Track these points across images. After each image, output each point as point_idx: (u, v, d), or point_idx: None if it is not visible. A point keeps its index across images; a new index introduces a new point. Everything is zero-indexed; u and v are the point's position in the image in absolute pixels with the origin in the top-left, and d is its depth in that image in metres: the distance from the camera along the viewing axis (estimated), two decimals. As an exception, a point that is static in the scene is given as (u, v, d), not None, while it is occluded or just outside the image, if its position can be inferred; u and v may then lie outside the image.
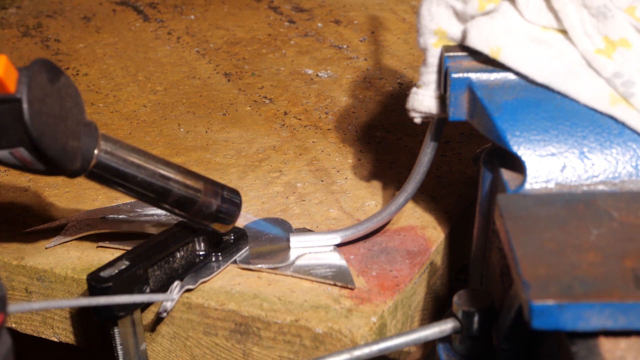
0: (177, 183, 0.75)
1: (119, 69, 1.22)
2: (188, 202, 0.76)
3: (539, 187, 0.69)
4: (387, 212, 0.82)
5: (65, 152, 0.69)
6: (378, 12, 1.35)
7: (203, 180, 0.77)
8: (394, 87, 1.13)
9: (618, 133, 0.70)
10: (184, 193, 0.75)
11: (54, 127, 0.68)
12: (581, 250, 0.61)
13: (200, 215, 0.76)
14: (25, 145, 0.67)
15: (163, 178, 0.75)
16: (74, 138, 0.70)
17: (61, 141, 0.68)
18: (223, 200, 0.77)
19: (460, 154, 0.98)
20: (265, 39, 1.29)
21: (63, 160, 0.69)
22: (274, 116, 1.08)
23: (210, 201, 0.76)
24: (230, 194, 0.79)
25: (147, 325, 0.80)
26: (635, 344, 0.57)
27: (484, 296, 0.69)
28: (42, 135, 0.67)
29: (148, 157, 0.75)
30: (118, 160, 0.73)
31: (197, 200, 0.76)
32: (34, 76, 0.67)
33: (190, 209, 0.76)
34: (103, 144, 0.72)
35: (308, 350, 0.75)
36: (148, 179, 0.74)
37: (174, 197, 0.75)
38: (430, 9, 0.76)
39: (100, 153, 0.72)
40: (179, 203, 0.75)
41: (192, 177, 0.77)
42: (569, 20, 0.72)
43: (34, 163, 0.68)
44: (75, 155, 0.70)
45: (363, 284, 0.78)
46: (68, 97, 0.70)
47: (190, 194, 0.76)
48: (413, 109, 0.78)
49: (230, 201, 0.78)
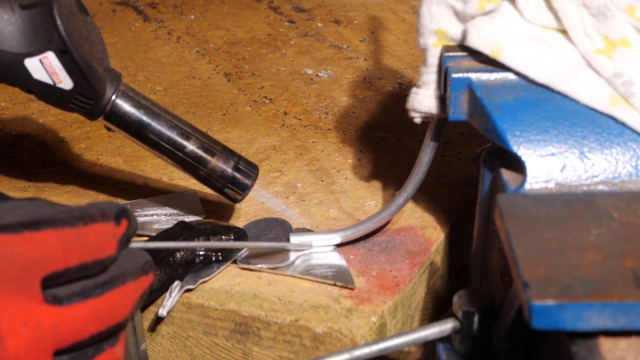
0: (194, 137, 0.79)
1: (118, 69, 1.21)
2: (202, 158, 0.78)
3: (539, 187, 0.69)
4: (387, 212, 0.83)
5: (91, 66, 0.71)
6: (378, 12, 1.35)
7: (219, 144, 0.80)
8: (394, 87, 1.13)
9: (618, 133, 0.70)
10: (200, 146, 0.79)
11: (80, 40, 0.71)
12: (581, 250, 0.61)
13: (214, 177, 0.79)
14: (54, 47, 0.70)
15: (181, 130, 0.78)
16: (99, 64, 0.73)
17: (87, 56, 0.71)
18: (238, 164, 0.80)
19: (460, 154, 0.98)
20: (265, 39, 1.29)
21: (89, 71, 0.71)
22: (274, 116, 1.08)
23: (224, 163, 0.79)
24: (247, 165, 0.81)
25: (147, 325, 0.80)
26: (635, 344, 0.57)
27: (484, 296, 0.69)
28: (70, 34, 0.69)
29: (167, 112, 0.79)
30: (137, 105, 0.76)
31: (213, 157, 0.79)
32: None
33: (206, 166, 0.79)
34: (124, 88, 0.76)
35: (308, 350, 0.75)
36: (167, 126, 0.77)
37: (189, 148, 0.78)
38: (430, 9, 0.76)
39: (120, 94, 0.75)
40: (194, 156, 0.78)
41: (208, 138, 0.80)
42: (569, 20, 0.72)
43: (62, 76, 0.71)
44: (100, 77, 0.73)
45: (363, 284, 0.78)
46: (94, 34, 0.74)
47: (205, 150, 0.79)
48: (413, 109, 0.78)
49: (244, 172, 0.81)
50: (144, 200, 0.90)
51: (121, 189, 0.93)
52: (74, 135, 1.04)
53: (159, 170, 0.97)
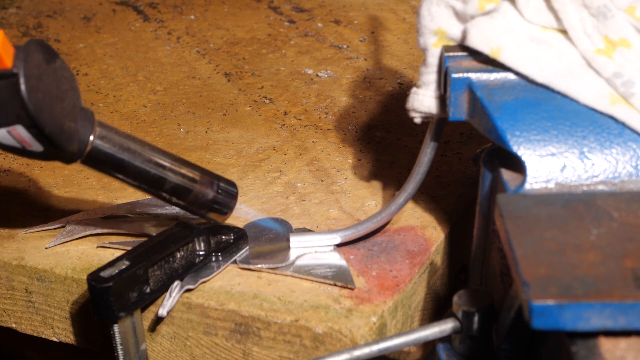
0: (172, 171, 0.75)
1: (119, 69, 1.22)
2: (184, 190, 0.75)
3: (539, 187, 0.69)
4: (387, 212, 0.83)
5: (62, 130, 0.68)
6: (378, 12, 1.35)
7: (199, 170, 0.77)
8: (394, 87, 1.13)
9: (618, 133, 0.70)
10: (179, 181, 0.75)
11: (51, 105, 0.67)
12: (581, 250, 0.61)
13: (197, 204, 0.76)
14: (23, 122, 0.65)
15: (159, 166, 0.74)
16: (70, 119, 0.69)
17: (58, 119, 0.67)
18: (219, 190, 0.77)
19: (460, 154, 0.98)
20: (265, 39, 1.29)
21: (60, 139, 0.67)
22: (274, 116, 1.08)
23: (206, 191, 0.76)
24: (227, 185, 0.79)
25: (147, 325, 0.80)
26: (635, 344, 0.57)
27: (484, 296, 0.69)
28: (39, 110, 0.65)
29: (144, 144, 0.75)
30: (114, 145, 0.72)
31: (193, 189, 0.76)
32: (30, 53, 0.66)
33: (187, 197, 0.76)
34: (99, 129, 0.72)
35: (308, 350, 0.75)
36: (144, 166, 0.74)
37: (169, 185, 0.75)
38: (430, 9, 0.76)
39: (96, 138, 0.71)
40: (174, 191, 0.75)
41: (188, 166, 0.77)
42: (569, 20, 0.72)
43: (31, 143, 0.67)
44: (72, 136, 0.69)
45: (363, 284, 0.78)
46: (64, 80, 0.69)
47: (186, 183, 0.76)
48: (413, 109, 0.78)
49: (226, 192, 0.78)
50: (144, 200, 0.90)
51: (121, 188, 0.93)
52: (74, 135, 1.04)
53: (159, 170, 0.97)
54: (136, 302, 0.75)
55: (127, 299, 0.74)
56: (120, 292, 0.73)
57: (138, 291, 0.75)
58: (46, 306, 0.84)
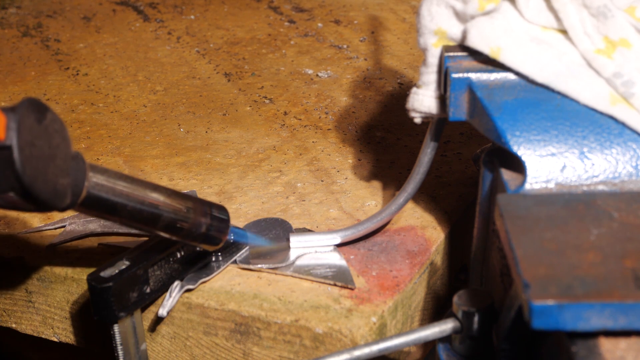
0: (166, 208, 0.74)
1: (119, 69, 1.22)
2: (177, 225, 0.75)
3: (539, 187, 0.69)
4: (387, 212, 0.83)
5: (56, 192, 0.67)
6: (378, 12, 1.35)
7: (192, 201, 0.76)
8: (394, 87, 1.13)
9: (618, 133, 0.70)
10: (173, 217, 0.75)
11: (45, 170, 0.67)
12: (581, 250, 0.61)
13: (190, 237, 0.76)
14: (17, 192, 0.65)
15: (152, 205, 0.74)
16: (63, 176, 0.68)
17: (52, 182, 0.67)
18: (212, 218, 0.77)
19: (460, 154, 0.98)
20: (265, 39, 1.29)
21: (54, 201, 0.67)
22: (274, 116, 1.08)
23: (199, 221, 0.76)
24: (219, 211, 0.78)
25: (147, 325, 0.80)
26: (635, 344, 0.57)
27: (484, 296, 0.69)
28: (33, 181, 0.65)
29: (136, 184, 0.74)
30: (107, 192, 0.71)
31: (187, 223, 0.75)
32: (22, 119, 0.65)
33: (180, 232, 0.75)
34: (92, 175, 0.71)
35: (308, 350, 0.75)
36: (138, 207, 0.73)
37: (163, 222, 0.74)
38: (430, 9, 0.76)
39: (89, 186, 0.70)
40: (168, 227, 0.75)
41: (180, 200, 0.76)
42: (569, 20, 0.72)
43: (24, 206, 0.67)
44: (66, 193, 0.69)
45: (363, 284, 0.78)
46: (55, 134, 0.69)
47: (179, 218, 0.75)
48: (413, 109, 0.78)
49: (218, 219, 0.77)
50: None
51: (121, 189, 0.93)
52: (74, 135, 1.04)
53: (159, 170, 0.97)
54: (136, 302, 0.75)
55: (127, 299, 0.74)
56: (120, 292, 0.73)
57: (138, 291, 0.75)
58: (46, 306, 0.85)
